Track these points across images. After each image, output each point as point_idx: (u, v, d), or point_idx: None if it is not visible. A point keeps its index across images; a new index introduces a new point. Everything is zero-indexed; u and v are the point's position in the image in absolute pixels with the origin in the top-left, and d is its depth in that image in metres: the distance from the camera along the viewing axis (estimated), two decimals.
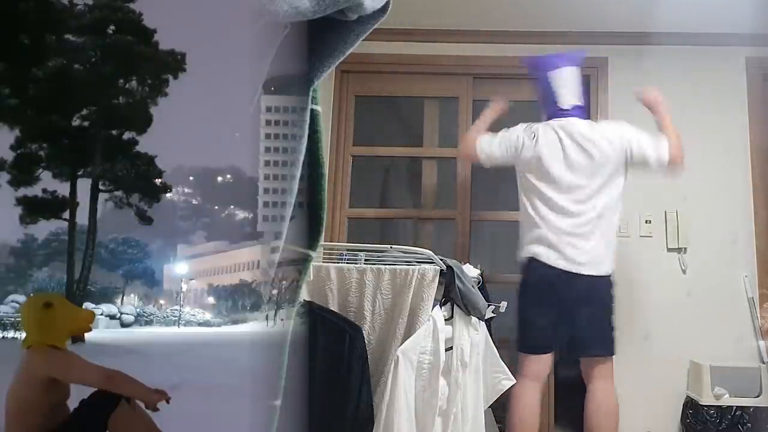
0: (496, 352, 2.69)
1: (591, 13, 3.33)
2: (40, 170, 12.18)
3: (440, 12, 3.53)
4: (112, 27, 12.52)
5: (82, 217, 12.28)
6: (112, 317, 15.20)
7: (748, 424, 3.07)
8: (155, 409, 2.12)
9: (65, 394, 2.17)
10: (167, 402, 2.12)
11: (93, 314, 2.43)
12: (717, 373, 3.16)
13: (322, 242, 2.12)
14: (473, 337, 2.43)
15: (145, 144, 12.98)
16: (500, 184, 3.81)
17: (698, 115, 3.56)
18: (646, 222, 3.35)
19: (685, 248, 3.45)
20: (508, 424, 2.66)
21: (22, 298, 13.64)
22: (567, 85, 2.79)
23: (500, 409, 2.81)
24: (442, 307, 2.29)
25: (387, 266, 2.29)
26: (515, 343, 2.72)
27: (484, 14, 3.54)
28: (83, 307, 9.36)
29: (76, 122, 12.38)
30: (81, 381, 2.11)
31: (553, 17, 3.47)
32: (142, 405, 2.14)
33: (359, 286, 2.27)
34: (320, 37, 1.02)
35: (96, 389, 2.14)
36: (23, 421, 2.08)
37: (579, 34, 3.42)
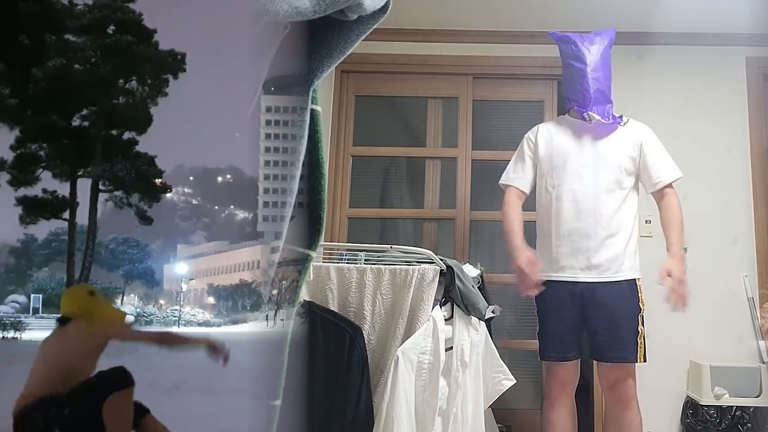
0: (496, 352, 2.69)
1: (591, 13, 3.33)
2: (40, 170, 12.16)
3: (440, 12, 3.53)
4: (112, 27, 12.50)
5: (82, 217, 12.26)
6: None
7: (748, 424, 3.07)
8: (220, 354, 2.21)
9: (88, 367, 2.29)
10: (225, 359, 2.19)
11: (124, 314, 2.61)
12: (717, 373, 3.16)
13: (322, 242, 2.12)
14: (473, 337, 2.43)
15: (145, 144, 12.96)
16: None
17: (698, 115, 3.56)
18: (646, 222, 3.34)
19: (685, 248, 3.44)
20: None
21: (22, 298, 13.61)
22: None
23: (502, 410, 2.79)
24: (442, 307, 2.29)
25: (387, 266, 2.29)
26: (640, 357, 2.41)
27: (484, 14, 3.54)
28: None
29: (76, 122, 12.35)
30: (138, 338, 2.37)
31: (553, 17, 3.47)
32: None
33: (359, 286, 2.27)
34: (320, 37, 1.02)
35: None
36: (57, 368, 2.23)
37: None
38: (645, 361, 2.42)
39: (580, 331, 2.48)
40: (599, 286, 2.41)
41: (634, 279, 2.46)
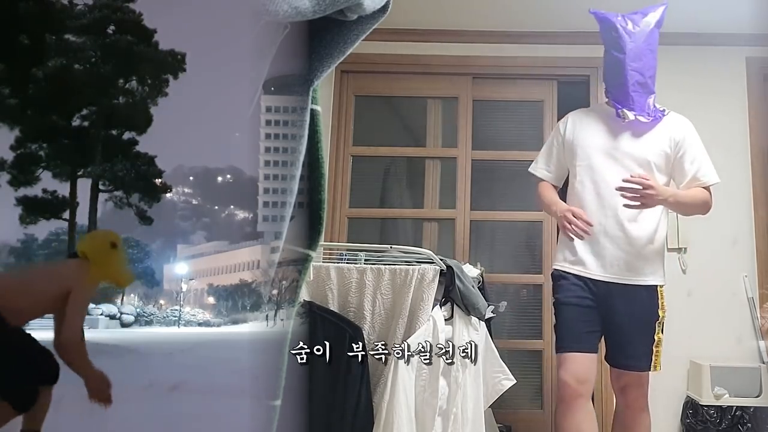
0: (496, 352, 2.69)
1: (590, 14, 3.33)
2: (40, 170, 12.20)
3: (440, 12, 3.53)
4: (112, 27, 12.53)
5: (82, 217, 12.28)
6: (112, 317, 15.18)
7: (748, 424, 3.07)
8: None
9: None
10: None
11: (133, 278, 2.47)
12: (717, 373, 3.16)
13: (322, 242, 2.12)
14: (473, 337, 2.43)
15: (145, 144, 13.00)
16: (500, 184, 3.82)
17: (698, 115, 3.55)
18: None
19: (685, 248, 3.45)
20: None
21: None
22: None
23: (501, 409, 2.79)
24: (442, 307, 2.29)
25: (387, 266, 2.29)
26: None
27: (484, 14, 3.54)
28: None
29: (76, 122, 12.39)
30: (72, 318, 2.08)
31: (553, 17, 3.47)
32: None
33: (359, 286, 2.28)
34: (320, 37, 1.02)
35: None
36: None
37: (579, 34, 3.42)
38: (657, 369, 2.30)
39: (598, 328, 2.30)
40: (615, 288, 2.25)
41: (655, 285, 2.30)
